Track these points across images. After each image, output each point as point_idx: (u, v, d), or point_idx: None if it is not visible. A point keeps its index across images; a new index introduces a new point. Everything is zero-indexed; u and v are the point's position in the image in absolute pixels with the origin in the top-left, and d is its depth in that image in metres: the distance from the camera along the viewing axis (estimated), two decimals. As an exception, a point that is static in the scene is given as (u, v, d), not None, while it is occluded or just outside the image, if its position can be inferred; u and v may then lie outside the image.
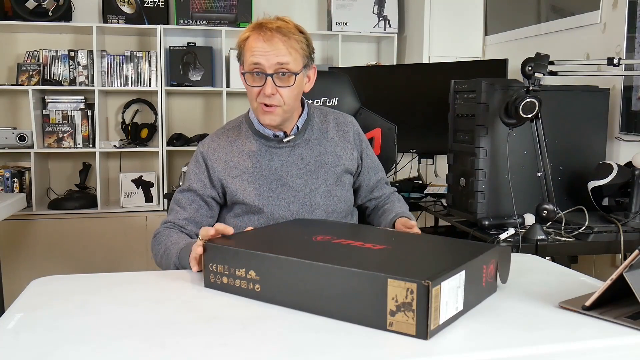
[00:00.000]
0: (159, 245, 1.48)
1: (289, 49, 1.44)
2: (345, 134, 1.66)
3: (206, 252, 1.15)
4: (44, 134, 3.46)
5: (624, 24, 2.20)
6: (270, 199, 1.54)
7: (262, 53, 1.43)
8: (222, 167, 1.55)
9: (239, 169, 1.55)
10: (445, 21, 3.44)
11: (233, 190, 1.54)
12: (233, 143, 1.58)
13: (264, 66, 1.44)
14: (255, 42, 1.44)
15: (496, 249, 1.11)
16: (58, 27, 3.46)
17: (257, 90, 1.47)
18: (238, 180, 1.54)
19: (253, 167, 1.55)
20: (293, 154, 1.57)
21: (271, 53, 1.43)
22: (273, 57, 1.43)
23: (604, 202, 1.97)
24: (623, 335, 0.92)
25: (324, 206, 1.58)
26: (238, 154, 1.56)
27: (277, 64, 1.44)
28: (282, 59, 1.44)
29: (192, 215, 1.54)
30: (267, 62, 1.43)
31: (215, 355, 0.84)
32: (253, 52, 1.44)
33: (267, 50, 1.43)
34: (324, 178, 1.59)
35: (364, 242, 1.14)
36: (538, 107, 1.75)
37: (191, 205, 1.55)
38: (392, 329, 0.90)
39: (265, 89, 1.45)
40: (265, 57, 1.43)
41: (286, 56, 1.44)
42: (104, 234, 3.37)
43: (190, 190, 1.56)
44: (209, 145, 1.59)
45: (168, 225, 1.53)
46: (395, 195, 1.78)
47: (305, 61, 1.50)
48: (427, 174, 3.07)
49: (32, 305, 1.05)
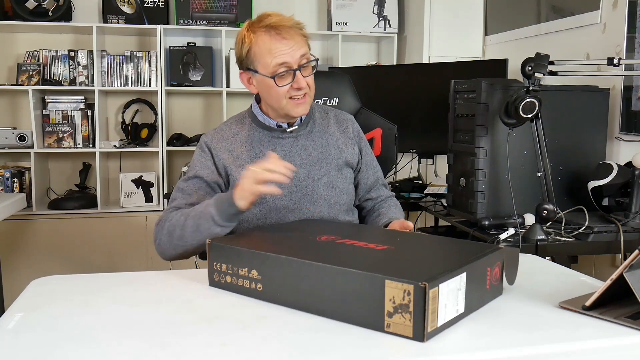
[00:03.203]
0: (169, 222, 1.42)
1: (302, 39, 1.50)
2: (345, 130, 1.67)
3: (210, 251, 1.15)
4: (44, 134, 3.46)
5: (624, 24, 2.20)
6: None
7: (286, 52, 1.45)
8: (227, 155, 1.55)
9: (243, 158, 1.55)
10: (445, 21, 3.44)
11: (237, 179, 1.52)
12: (236, 134, 1.59)
13: (290, 63, 1.46)
14: (274, 44, 1.45)
15: (502, 251, 1.09)
16: (58, 27, 3.46)
17: (287, 87, 1.48)
18: (242, 169, 1.52)
19: (256, 157, 1.55)
20: (296, 145, 1.58)
21: (293, 48, 1.46)
22: (295, 52, 1.47)
23: (604, 202, 1.97)
24: (623, 335, 0.92)
25: (327, 197, 1.58)
26: (241, 144, 1.57)
27: (301, 57, 1.48)
28: (302, 50, 1.48)
29: (198, 200, 1.48)
30: (291, 58, 1.46)
31: (215, 355, 0.84)
32: (274, 54, 1.45)
33: (289, 48, 1.46)
34: (327, 169, 1.59)
35: (368, 243, 1.13)
36: (538, 107, 1.75)
37: (197, 192, 1.52)
38: (390, 330, 0.89)
39: (299, 83, 1.48)
40: (289, 54, 1.46)
41: (304, 47, 1.49)
42: (104, 234, 3.37)
43: (196, 177, 1.53)
44: (213, 135, 1.59)
45: (172, 210, 1.48)
46: (392, 200, 1.77)
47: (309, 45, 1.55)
48: (427, 174, 3.07)
49: (32, 305, 1.05)
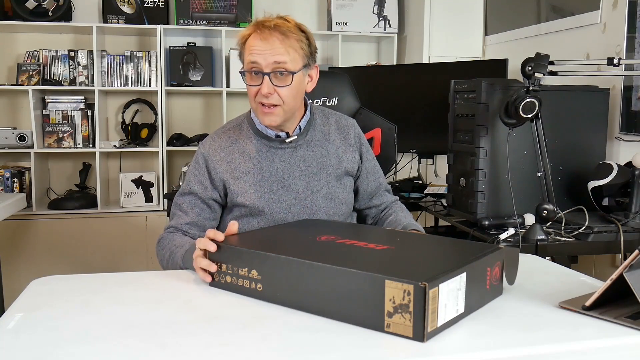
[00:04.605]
0: (163, 251, 1.47)
1: (286, 47, 1.42)
2: (346, 136, 1.64)
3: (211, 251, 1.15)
4: (44, 134, 3.46)
5: (624, 24, 2.20)
6: (272, 200, 1.52)
7: (259, 52, 1.42)
8: (224, 167, 1.53)
9: (241, 170, 1.53)
10: (445, 21, 3.44)
11: (234, 191, 1.52)
12: (234, 143, 1.56)
13: (261, 65, 1.42)
14: (253, 41, 1.43)
15: (502, 251, 1.09)
16: (58, 27, 3.46)
17: (255, 89, 1.45)
18: (240, 182, 1.52)
19: (255, 168, 1.53)
20: (295, 155, 1.55)
21: (268, 52, 1.41)
22: (270, 56, 1.41)
23: (604, 202, 1.97)
24: (623, 335, 0.92)
25: (326, 209, 1.56)
26: (239, 154, 1.55)
27: (274, 63, 1.42)
28: (279, 58, 1.41)
29: (194, 220, 1.53)
30: (264, 61, 1.42)
31: (215, 355, 0.84)
32: (251, 51, 1.43)
33: (264, 49, 1.41)
34: (326, 180, 1.57)
35: (368, 243, 1.13)
36: (538, 107, 1.75)
37: (193, 209, 1.54)
38: (390, 330, 0.89)
39: (262, 88, 1.43)
40: (262, 56, 1.42)
41: (283, 55, 1.42)
42: (104, 234, 3.37)
43: (191, 194, 1.55)
44: (210, 145, 1.57)
45: (171, 230, 1.53)
46: (397, 204, 1.73)
47: (305, 61, 1.47)
48: (427, 174, 3.07)
49: (32, 305, 1.05)
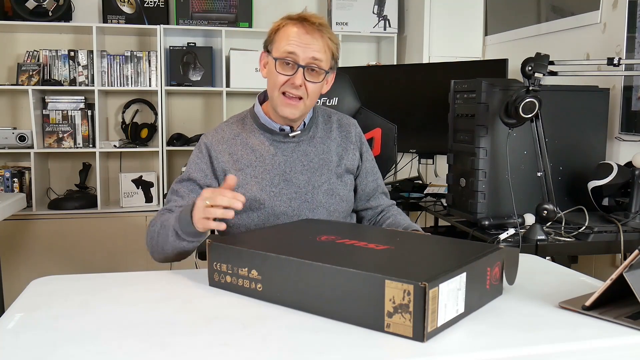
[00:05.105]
0: (153, 227, 1.44)
1: (324, 46, 1.47)
2: (347, 135, 1.65)
3: (211, 251, 1.15)
4: (44, 134, 3.46)
5: (624, 24, 2.20)
6: (273, 193, 1.52)
7: (300, 44, 1.44)
8: (227, 158, 1.53)
9: (243, 162, 1.53)
10: (445, 21, 3.44)
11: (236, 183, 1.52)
12: (237, 136, 1.57)
13: (298, 57, 1.45)
14: (294, 32, 1.45)
15: (502, 251, 1.09)
16: (58, 27, 3.46)
17: (285, 79, 1.46)
18: (241, 173, 1.52)
19: (257, 160, 1.53)
20: (297, 150, 1.57)
21: (310, 46, 1.44)
22: (310, 51, 1.45)
23: (604, 202, 1.97)
24: (623, 335, 0.92)
25: (326, 204, 1.56)
26: (242, 147, 1.55)
27: (312, 58, 1.45)
28: (317, 54, 1.45)
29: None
30: (302, 53, 1.44)
31: (215, 355, 0.84)
32: (290, 41, 1.45)
33: (306, 43, 1.44)
34: (327, 176, 1.58)
35: (368, 243, 1.13)
36: (538, 107, 1.75)
37: (189, 194, 1.51)
38: (390, 330, 0.89)
39: (295, 80, 1.45)
40: (302, 49, 1.44)
41: (321, 53, 1.46)
42: (104, 234, 3.37)
43: (189, 180, 1.53)
44: (213, 136, 1.57)
45: (163, 212, 1.49)
46: (394, 208, 1.74)
47: (331, 64, 1.52)
48: (427, 174, 3.07)
49: (32, 305, 1.05)
